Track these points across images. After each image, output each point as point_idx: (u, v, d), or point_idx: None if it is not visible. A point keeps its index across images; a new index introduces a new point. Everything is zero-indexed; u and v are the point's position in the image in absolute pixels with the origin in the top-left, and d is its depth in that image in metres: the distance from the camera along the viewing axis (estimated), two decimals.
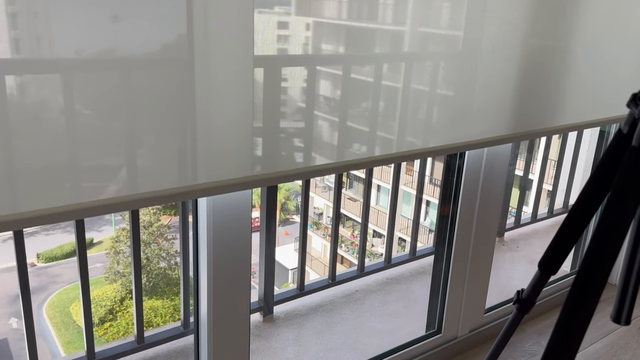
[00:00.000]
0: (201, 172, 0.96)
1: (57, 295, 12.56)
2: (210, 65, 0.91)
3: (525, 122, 1.48)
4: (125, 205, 0.89)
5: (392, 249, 2.08)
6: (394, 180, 2.00)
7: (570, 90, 1.55)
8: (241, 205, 1.14)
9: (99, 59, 0.83)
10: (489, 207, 1.65)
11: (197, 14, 0.89)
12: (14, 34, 0.77)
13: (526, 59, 1.40)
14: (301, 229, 1.86)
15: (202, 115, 0.92)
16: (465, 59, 1.29)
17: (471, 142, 1.38)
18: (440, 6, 1.20)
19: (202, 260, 1.17)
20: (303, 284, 1.87)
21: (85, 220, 1.25)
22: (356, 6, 1.10)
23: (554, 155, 2.61)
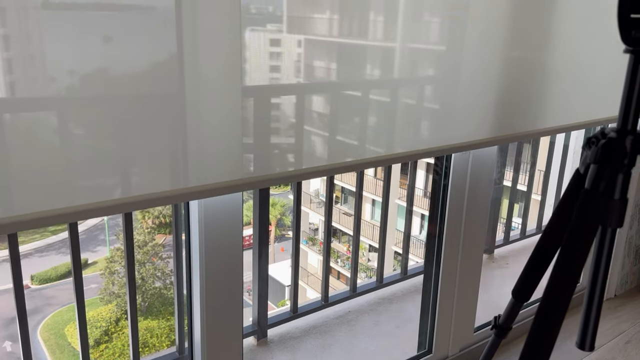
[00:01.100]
0: (192, 176, 0.98)
1: (52, 317, 12.46)
2: (200, 76, 0.95)
3: (508, 125, 1.51)
4: (118, 207, 0.91)
5: (383, 269, 2.11)
6: (383, 200, 2.04)
7: (551, 94, 1.59)
8: (232, 219, 1.18)
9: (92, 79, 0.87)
10: (475, 223, 1.69)
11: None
12: (6, 56, 0.79)
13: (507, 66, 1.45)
14: (294, 250, 1.89)
15: (192, 120, 0.95)
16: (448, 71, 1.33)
17: (455, 145, 1.41)
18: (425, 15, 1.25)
19: (194, 276, 1.20)
20: (296, 306, 1.89)
21: (80, 240, 1.28)
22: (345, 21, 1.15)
23: (542, 165, 2.66)
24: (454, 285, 1.72)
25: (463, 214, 1.65)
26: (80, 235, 8.66)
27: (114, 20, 0.85)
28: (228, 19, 0.95)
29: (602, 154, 0.63)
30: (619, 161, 0.62)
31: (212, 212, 1.16)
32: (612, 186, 0.62)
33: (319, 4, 1.09)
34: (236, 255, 1.21)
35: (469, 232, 1.68)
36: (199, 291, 1.20)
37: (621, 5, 0.56)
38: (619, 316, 2.20)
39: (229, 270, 1.21)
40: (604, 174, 0.63)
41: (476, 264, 1.76)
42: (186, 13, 0.91)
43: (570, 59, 1.59)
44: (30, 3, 0.79)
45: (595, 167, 0.64)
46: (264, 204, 1.68)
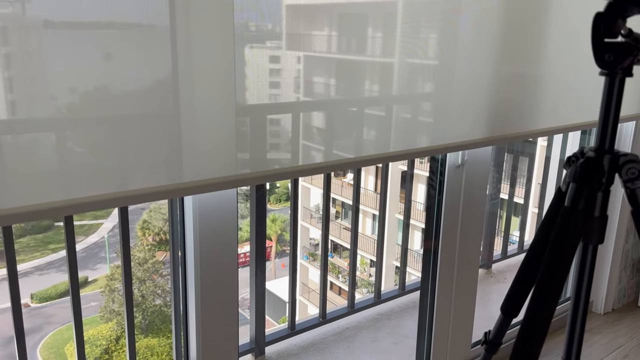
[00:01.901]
0: (187, 172, 1.00)
1: (52, 336, 12.38)
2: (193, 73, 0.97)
3: (502, 125, 1.53)
4: (113, 202, 0.93)
5: (381, 284, 2.12)
6: (380, 214, 2.05)
7: (545, 96, 1.61)
8: (227, 217, 1.19)
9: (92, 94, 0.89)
10: (470, 238, 1.70)
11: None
12: (7, 74, 0.81)
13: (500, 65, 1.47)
14: (291, 268, 1.90)
15: (186, 113, 0.97)
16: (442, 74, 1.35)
17: (450, 145, 1.42)
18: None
19: (189, 278, 1.22)
20: (294, 323, 1.90)
21: (79, 258, 1.29)
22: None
23: (538, 180, 2.68)
24: (450, 301, 1.72)
25: (458, 229, 1.67)
26: (81, 253, 8.67)
27: (113, 39, 0.87)
28: (221, 36, 0.98)
29: (580, 173, 0.65)
30: (597, 180, 0.64)
31: (207, 211, 1.17)
32: (592, 204, 0.64)
33: (318, 21, 1.12)
34: (231, 254, 1.22)
35: (464, 247, 1.69)
36: (194, 296, 1.21)
37: (595, 31, 0.59)
38: (616, 330, 2.20)
39: (224, 274, 1.22)
40: (582, 192, 0.65)
41: (472, 279, 1.77)
42: (180, 31, 0.93)
43: (557, 67, 1.61)
44: (31, 22, 0.81)
45: (575, 186, 0.66)
46: (261, 220, 1.69)
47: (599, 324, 2.24)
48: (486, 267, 2.55)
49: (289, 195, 17.72)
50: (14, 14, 0.80)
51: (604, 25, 0.58)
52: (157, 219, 14.69)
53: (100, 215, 15.87)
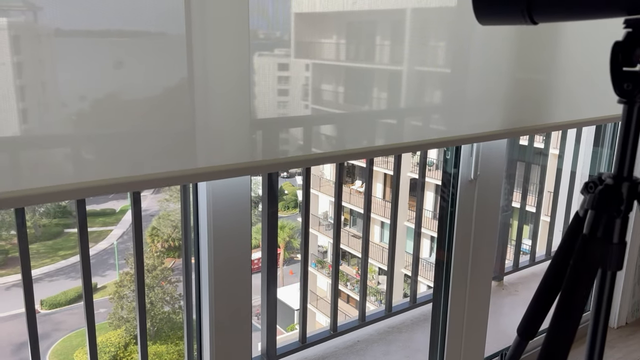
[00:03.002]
0: (201, 158, 1.00)
1: (61, 342, 12.43)
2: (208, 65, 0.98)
3: (517, 119, 1.51)
4: (127, 186, 0.94)
5: (392, 297, 2.12)
6: (391, 234, 2.05)
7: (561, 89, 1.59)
8: (240, 211, 1.19)
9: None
10: (483, 250, 1.69)
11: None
12: (19, 83, 0.82)
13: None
14: (302, 282, 1.90)
15: (201, 106, 0.98)
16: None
17: (464, 136, 1.41)
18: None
19: (203, 274, 1.22)
20: (305, 336, 1.90)
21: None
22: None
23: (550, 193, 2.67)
24: (463, 315, 1.72)
25: (470, 243, 1.66)
26: (90, 260, 8.63)
27: (124, 47, 0.89)
28: (237, 44, 0.98)
29: (599, 201, 0.66)
30: (616, 207, 0.65)
31: (221, 200, 1.17)
32: (610, 231, 0.64)
33: (326, 28, 1.13)
34: (244, 244, 1.22)
35: (476, 260, 1.69)
36: (207, 288, 1.21)
37: (613, 60, 0.59)
38: (629, 345, 2.18)
39: (238, 274, 1.22)
40: (601, 220, 0.65)
41: (485, 293, 1.76)
42: (196, 39, 0.94)
43: (577, 58, 1.59)
44: (43, 31, 0.82)
45: (593, 213, 0.66)
46: (272, 228, 1.67)
47: (612, 338, 2.23)
48: (498, 280, 2.53)
49: (297, 202, 17.74)
50: (26, 23, 0.81)
51: (623, 54, 0.58)
52: (166, 226, 14.74)
53: (110, 222, 15.96)
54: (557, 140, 3.04)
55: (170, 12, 0.91)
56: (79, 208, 1.20)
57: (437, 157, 11.98)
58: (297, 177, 18.60)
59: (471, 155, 1.54)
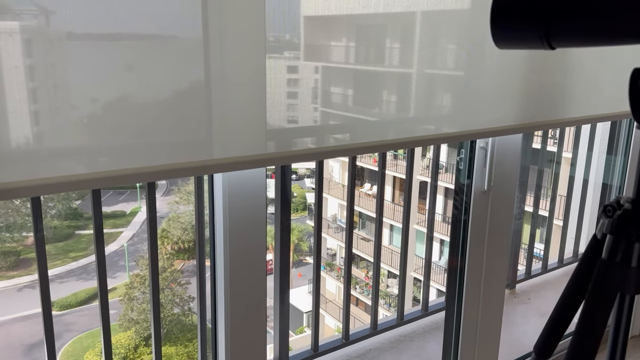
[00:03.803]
0: (217, 149, 1.01)
1: (72, 344, 12.52)
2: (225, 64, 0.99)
3: (533, 113, 1.50)
4: (141, 176, 0.94)
5: (404, 306, 2.12)
6: (403, 241, 2.05)
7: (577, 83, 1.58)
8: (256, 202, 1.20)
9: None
10: (497, 259, 1.69)
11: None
12: (31, 85, 0.83)
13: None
14: (314, 298, 1.90)
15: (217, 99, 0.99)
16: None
17: (480, 131, 1.41)
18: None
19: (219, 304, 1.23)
20: (317, 344, 1.90)
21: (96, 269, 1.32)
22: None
23: (562, 205, 2.66)
24: (476, 323, 1.72)
25: (484, 250, 1.66)
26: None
27: (136, 50, 0.90)
28: (253, 48, 1.00)
29: (618, 226, 0.66)
30: (635, 232, 0.65)
31: (236, 191, 1.18)
32: (629, 255, 0.65)
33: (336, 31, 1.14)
34: (259, 236, 1.23)
35: (490, 268, 1.69)
36: (223, 282, 1.22)
37: (632, 86, 0.59)
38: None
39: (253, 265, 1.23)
40: (620, 245, 0.65)
41: (498, 301, 1.76)
42: (214, 42, 0.95)
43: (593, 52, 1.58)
44: (54, 35, 0.84)
45: (612, 238, 0.66)
46: (285, 232, 1.67)
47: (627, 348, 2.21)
48: (510, 287, 2.53)
49: (305, 205, 17.76)
50: (39, 26, 0.82)
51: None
52: (176, 228, 14.82)
53: (120, 224, 16.06)
54: (568, 144, 3.03)
55: (186, 15, 0.93)
56: (95, 208, 1.22)
57: (447, 160, 11.95)
58: (306, 180, 18.62)
59: (485, 166, 1.54)
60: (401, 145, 1.29)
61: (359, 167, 14.87)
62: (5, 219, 14.36)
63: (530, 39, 0.62)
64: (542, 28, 0.60)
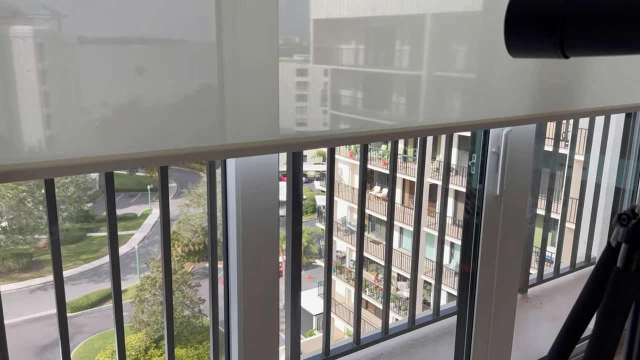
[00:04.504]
0: (230, 134, 1.01)
1: (83, 345, 12.61)
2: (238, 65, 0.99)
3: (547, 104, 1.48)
4: (155, 160, 0.95)
5: (415, 310, 2.11)
6: (414, 246, 2.05)
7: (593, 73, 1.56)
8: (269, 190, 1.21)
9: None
10: (509, 263, 1.68)
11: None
12: (43, 89, 0.84)
13: None
14: (325, 303, 1.90)
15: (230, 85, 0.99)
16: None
17: (493, 120, 1.40)
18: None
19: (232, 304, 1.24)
20: (329, 349, 1.91)
21: (109, 268, 1.33)
22: None
23: (574, 209, 2.64)
24: (489, 328, 1.71)
25: (497, 255, 1.65)
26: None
27: (146, 53, 0.91)
28: (266, 50, 1.01)
29: (633, 235, 0.66)
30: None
31: (249, 178, 1.18)
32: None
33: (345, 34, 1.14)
34: (272, 225, 1.23)
35: (502, 273, 1.68)
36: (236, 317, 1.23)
37: None
38: None
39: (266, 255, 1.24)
40: (635, 253, 0.65)
41: (511, 306, 1.75)
42: (227, 45, 0.96)
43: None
44: (66, 39, 0.85)
45: (627, 247, 0.66)
46: (297, 237, 1.67)
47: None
48: (521, 292, 2.51)
49: (315, 207, 17.76)
50: (51, 31, 0.83)
51: None
52: (186, 230, 14.89)
53: (131, 226, 16.17)
54: (580, 147, 3.01)
55: (200, 17, 0.94)
56: (109, 210, 1.24)
57: (457, 162, 11.91)
58: (316, 182, 18.62)
59: (497, 170, 1.54)
60: (415, 134, 1.28)
61: (369, 170, 14.86)
62: (17, 221, 14.51)
63: (544, 48, 0.62)
64: (556, 37, 0.60)
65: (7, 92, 0.81)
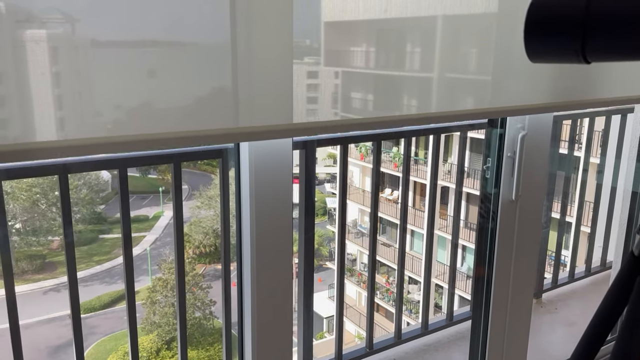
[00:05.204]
0: (243, 118, 1.01)
1: (95, 346, 12.69)
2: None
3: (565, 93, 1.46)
4: (169, 142, 0.95)
5: (428, 315, 2.10)
6: (427, 249, 2.03)
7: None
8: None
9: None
10: (525, 268, 1.66)
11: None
12: (57, 92, 0.85)
13: None
14: (337, 310, 1.89)
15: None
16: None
17: (511, 108, 1.36)
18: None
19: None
20: (341, 354, 1.90)
21: (121, 270, 1.35)
22: None
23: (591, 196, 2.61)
24: (504, 334, 1.69)
25: (512, 259, 1.63)
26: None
27: (158, 56, 0.91)
28: (280, 53, 1.00)
29: None
30: None
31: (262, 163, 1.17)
32: None
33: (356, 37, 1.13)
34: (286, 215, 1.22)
35: (518, 277, 1.66)
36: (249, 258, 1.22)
37: None
38: None
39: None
40: None
41: (526, 311, 1.73)
42: (241, 47, 0.96)
43: None
44: (80, 42, 0.85)
45: None
46: (309, 242, 1.67)
47: None
48: (536, 297, 2.48)
49: (325, 209, 17.74)
50: (64, 34, 0.84)
51: None
52: (197, 232, 14.95)
53: (143, 228, 16.26)
54: (595, 149, 2.97)
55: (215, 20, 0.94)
56: (124, 213, 1.24)
57: (469, 165, 11.83)
58: (326, 185, 18.61)
59: (512, 175, 1.52)
60: (430, 120, 1.27)
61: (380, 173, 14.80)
62: (31, 222, 14.66)
63: (565, 53, 0.61)
64: (578, 42, 0.59)
65: (21, 95, 0.81)
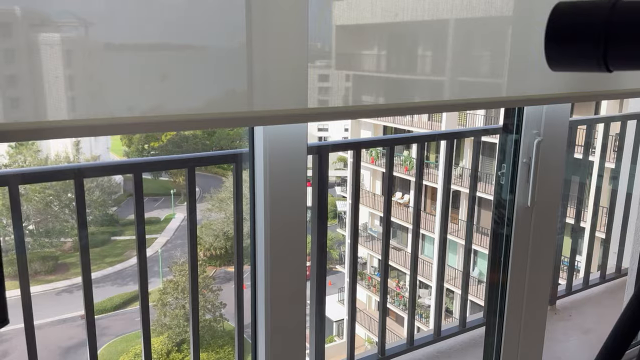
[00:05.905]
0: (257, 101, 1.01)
1: (106, 348, 12.76)
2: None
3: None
4: (181, 124, 0.95)
5: (441, 321, 2.08)
6: (440, 255, 2.02)
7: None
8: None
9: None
10: (540, 275, 1.64)
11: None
12: (70, 94, 0.86)
13: None
14: (349, 318, 1.88)
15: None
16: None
17: (529, 97, 1.35)
18: None
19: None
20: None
21: (133, 272, 1.36)
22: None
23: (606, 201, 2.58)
24: (518, 341, 1.67)
25: (527, 266, 1.62)
26: (134, 267, 8.94)
27: (171, 59, 0.92)
28: (296, 57, 1.01)
29: None
30: None
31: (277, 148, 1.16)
32: None
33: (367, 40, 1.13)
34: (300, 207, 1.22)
35: (533, 284, 1.64)
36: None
37: None
38: None
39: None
40: None
41: (541, 318, 1.71)
42: (257, 50, 0.96)
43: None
44: (93, 46, 0.86)
45: None
46: (322, 248, 1.67)
47: None
48: (550, 304, 2.46)
49: (336, 212, 17.71)
50: (78, 38, 0.85)
51: None
52: (208, 235, 14.99)
53: (154, 230, 16.34)
54: (610, 155, 2.94)
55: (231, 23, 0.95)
56: (138, 217, 1.25)
57: (480, 169, 11.76)
58: (336, 188, 18.58)
59: (527, 181, 1.51)
60: (444, 109, 1.27)
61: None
62: (44, 224, 14.80)
63: (587, 62, 0.60)
64: (600, 51, 0.59)
65: (35, 99, 0.82)
